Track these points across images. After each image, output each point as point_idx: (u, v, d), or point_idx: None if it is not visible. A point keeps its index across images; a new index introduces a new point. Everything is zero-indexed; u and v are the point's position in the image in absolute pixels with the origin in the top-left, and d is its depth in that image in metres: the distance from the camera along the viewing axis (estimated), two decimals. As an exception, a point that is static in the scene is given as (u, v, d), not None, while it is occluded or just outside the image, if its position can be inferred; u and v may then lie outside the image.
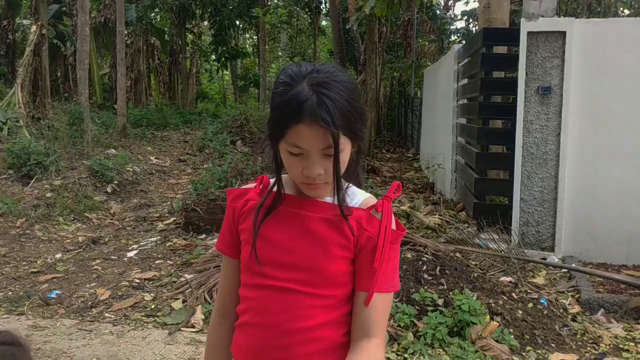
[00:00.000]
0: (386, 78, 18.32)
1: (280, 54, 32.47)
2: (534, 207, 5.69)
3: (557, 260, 5.48)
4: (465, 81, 7.73)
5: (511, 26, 9.14)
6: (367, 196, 1.35)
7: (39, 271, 5.41)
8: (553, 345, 3.78)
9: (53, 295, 4.71)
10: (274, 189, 1.34)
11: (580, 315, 4.28)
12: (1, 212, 7.05)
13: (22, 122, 11.20)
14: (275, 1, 23.41)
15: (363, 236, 1.28)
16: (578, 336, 3.93)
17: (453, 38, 18.68)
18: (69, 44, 19.87)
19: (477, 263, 5.14)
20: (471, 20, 19.73)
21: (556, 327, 3.96)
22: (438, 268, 4.33)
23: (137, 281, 5.08)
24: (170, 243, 6.29)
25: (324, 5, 21.98)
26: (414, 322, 3.85)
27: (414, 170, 11.71)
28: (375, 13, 10.42)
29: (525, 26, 5.59)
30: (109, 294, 4.76)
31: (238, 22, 26.88)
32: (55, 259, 5.78)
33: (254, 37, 31.35)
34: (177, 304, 4.42)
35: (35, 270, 5.43)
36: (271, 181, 1.36)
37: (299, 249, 1.28)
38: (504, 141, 6.72)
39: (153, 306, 4.49)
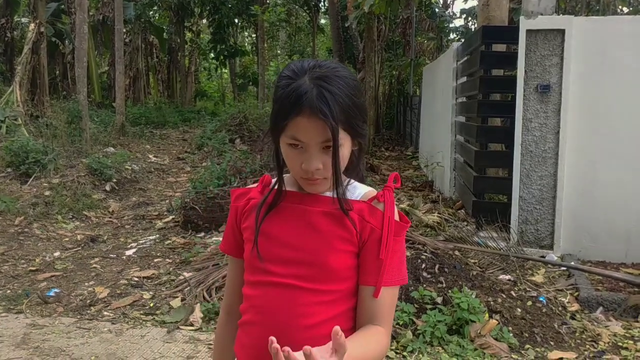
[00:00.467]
0: (385, 76, 18.30)
1: (279, 52, 32.44)
2: (532, 205, 5.69)
3: (556, 258, 5.49)
4: (464, 79, 7.72)
5: (510, 24, 9.15)
6: (368, 189, 1.34)
7: (37, 269, 5.41)
8: (552, 343, 3.78)
9: (51, 294, 4.70)
10: (275, 187, 1.34)
11: (579, 313, 4.28)
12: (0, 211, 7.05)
13: (21, 120, 11.18)
14: (274, -1, 23.38)
15: (366, 228, 1.27)
16: (577, 334, 3.93)
17: (452, 36, 18.67)
18: (67, 42, 19.83)
19: (476, 261, 5.14)
20: (470, 18, 19.71)
21: (555, 325, 3.96)
22: (437, 266, 4.33)
23: (136, 279, 5.08)
24: (169, 241, 6.28)
25: (322, 3, 21.95)
26: (413, 320, 3.85)
27: (413, 168, 11.71)
28: (374, 11, 10.41)
29: (524, 24, 5.58)
30: (107, 292, 4.76)
31: (237, 20, 26.85)
32: (53, 258, 5.77)
33: (253, 35, 31.31)
34: (175, 302, 4.42)
35: (33, 268, 5.43)
36: (273, 180, 1.37)
37: (301, 244, 1.27)
38: (503, 139, 6.72)
39: (152, 304, 4.49)
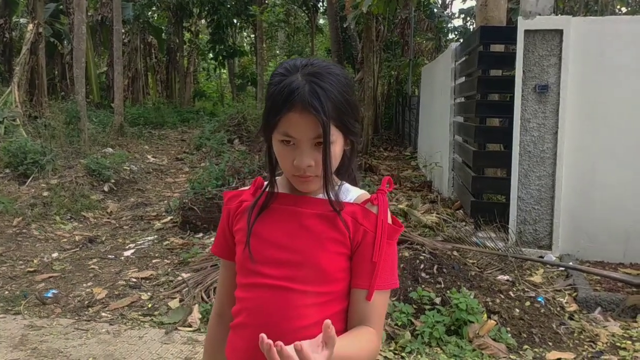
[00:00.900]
0: (384, 76, 18.29)
1: (277, 52, 32.41)
2: (531, 205, 5.69)
3: (554, 258, 5.49)
4: (463, 79, 7.73)
5: (508, 24, 9.15)
6: (361, 192, 1.34)
7: (35, 270, 5.40)
8: (550, 343, 3.78)
9: (49, 295, 4.69)
10: (267, 189, 1.34)
11: (577, 313, 4.28)
12: (-2, 211, 7.04)
13: (19, 120, 11.16)
14: (273, -1, 23.37)
15: (359, 231, 1.27)
16: (575, 334, 3.93)
17: (451, 36, 18.65)
18: (66, 43, 19.81)
19: (475, 261, 5.14)
20: (469, 19, 19.70)
21: (553, 325, 3.96)
22: (435, 267, 4.33)
23: (134, 280, 5.07)
24: (168, 242, 6.27)
25: (321, 3, 21.95)
26: (411, 320, 3.85)
27: (411, 168, 11.70)
28: (372, 11, 10.41)
29: (523, 24, 5.58)
30: (105, 293, 4.75)
31: (235, 21, 26.84)
32: (51, 258, 5.77)
33: (252, 35, 31.30)
34: (174, 303, 4.41)
35: (31, 269, 5.42)
36: (265, 182, 1.37)
37: (293, 245, 1.27)
38: (501, 139, 6.72)
39: (150, 305, 4.48)
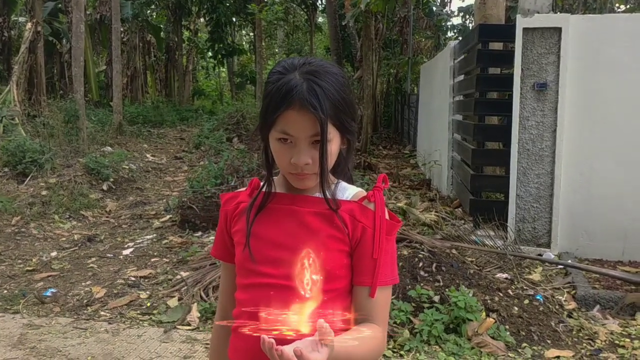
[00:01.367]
0: (383, 75, 18.27)
1: (277, 50, 32.40)
2: (530, 203, 5.69)
3: (553, 256, 5.49)
4: (462, 77, 7.73)
5: (507, 22, 9.15)
6: (357, 190, 1.35)
7: (34, 269, 5.40)
8: (549, 341, 3.78)
9: (48, 294, 4.69)
10: (264, 189, 1.34)
11: (576, 311, 4.29)
12: (-4, 210, 7.03)
13: (18, 119, 11.15)
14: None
15: (357, 228, 1.27)
16: (574, 332, 3.93)
17: (449, 34, 18.63)
18: (64, 42, 19.77)
19: (473, 260, 5.14)
20: (467, 17, 19.69)
21: (552, 323, 3.96)
22: (434, 265, 4.33)
23: (133, 279, 5.07)
24: (166, 241, 6.27)
25: (320, 1, 21.94)
26: (410, 319, 3.85)
27: (410, 167, 11.71)
28: (371, 9, 10.41)
29: (521, 22, 5.58)
30: (104, 292, 4.75)
31: (234, 19, 26.82)
32: (50, 257, 5.76)
33: (251, 34, 31.30)
34: (172, 302, 4.41)
35: (30, 268, 5.42)
36: (261, 183, 1.37)
37: (292, 244, 1.27)
38: (500, 138, 6.72)
39: (149, 304, 4.48)
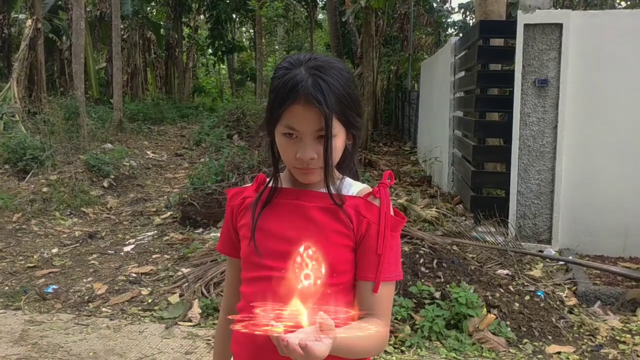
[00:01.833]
0: (383, 71, 18.23)
1: (277, 47, 32.40)
2: (530, 200, 5.69)
3: (553, 252, 5.49)
4: (462, 74, 7.72)
5: (508, 18, 9.13)
6: (362, 186, 1.36)
7: (35, 266, 5.40)
8: (550, 337, 3.79)
9: (50, 290, 4.70)
10: (270, 184, 1.35)
11: (577, 307, 4.29)
12: (-3, 207, 7.04)
13: (18, 116, 11.14)
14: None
15: (362, 223, 1.28)
16: (575, 328, 3.94)
17: (450, 31, 18.60)
18: (64, 38, 19.75)
19: (474, 256, 5.14)
20: (468, 13, 19.65)
21: (553, 319, 3.97)
22: (435, 261, 4.34)
23: (134, 275, 5.08)
24: (167, 237, 6.28)
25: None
26: (411, 315, 3.86)
27: (411, 163, 11.70)
28: (372, 5, 10.39)
29: (522, 18, 5.57)
30: (105, 289, 4.76)
31: (234, 16, 26.78)
32: (51, 254, 5.77)
33: (251, 30, 31.27)
34: (174, 298, 4.42)
35: (31, 265, 5.42)
36: (267, 178, 1.38)
37: (298, 238, 1.27)
38: (500, 134, 6.72)
39: (150, 300, 4.49)
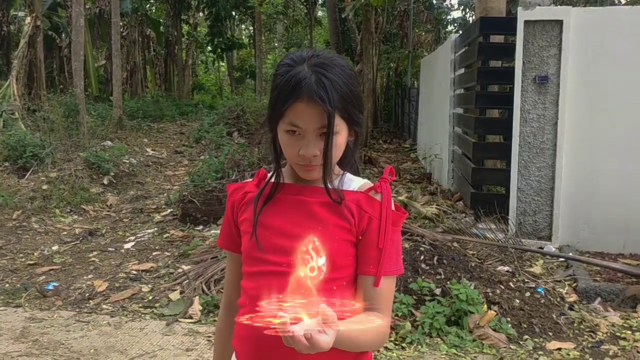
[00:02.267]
0: (383, 68, 18.23)
1: (276, 44, 32.38)
2: (531, 196, 5.69)
3: (554, 249, 5.50)
4: (462, 71, 7.71)
5: (508, 15, 9.13)
6: (363, 181, 1.36)
7: (35, 263, 5.40)
8: (550, 333, 3.79)
9: (50, 287, 4.70)
10: (272, 180, 1.35)
11: (577, 303, 4.29)
12: (-3, 205, 7.03)
13: (18, 114, 11.13)
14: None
15: (364, 218, 1.28)
16: (575, 325, 3.94)
17: (450, 28, 18.63)
18: (64, 36, 19.71)
19: (475, 253, 5.14)
20: (468, 10, 19.65)
21: (553, 315, 3.97)
22: (435, 258, 4.33)
23: (135, 273, 5.08)
24: (168, 234, 6.28)
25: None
26: (411, 311, 3.86)
27: (411, 160, 11.70)
28: (371, 2, 10.37)
29: (522, 15, 5.56)
30: (106, 286, 4.76)
31: (234, 13, 26.75)
32: (52, 251, 5.77)
33: (250, 28, 31.23)
34: (174, 295, 4.42)
35: (32, 262, 5.42)
36: (269, 174, 1.38)
37: (299, 232, 1.26)
38: (501, 131, 6.71)
39: (150, 297, 4.49)
